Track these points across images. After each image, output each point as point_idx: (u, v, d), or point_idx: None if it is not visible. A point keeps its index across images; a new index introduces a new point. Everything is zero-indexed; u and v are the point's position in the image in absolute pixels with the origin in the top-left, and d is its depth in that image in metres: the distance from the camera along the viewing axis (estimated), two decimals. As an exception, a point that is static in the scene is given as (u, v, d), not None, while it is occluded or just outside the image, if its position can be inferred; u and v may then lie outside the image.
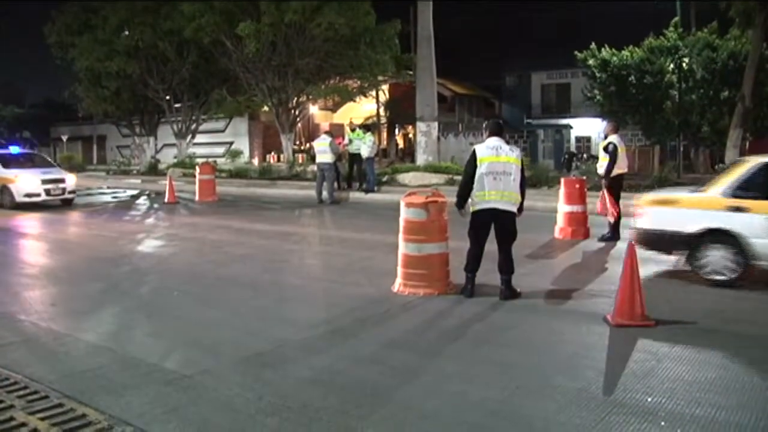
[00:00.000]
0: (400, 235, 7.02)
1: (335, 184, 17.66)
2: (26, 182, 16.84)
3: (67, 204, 17.49)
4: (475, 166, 6.62)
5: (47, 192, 16.98)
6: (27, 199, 16.65)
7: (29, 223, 14.14)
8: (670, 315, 5.93)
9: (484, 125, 7.17)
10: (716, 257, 7.02)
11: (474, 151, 6.73)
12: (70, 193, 17.60)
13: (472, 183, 6.64)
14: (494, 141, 6.75)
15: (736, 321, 5.83)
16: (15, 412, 4.01)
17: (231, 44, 25.11)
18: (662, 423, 3.76)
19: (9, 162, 17.68)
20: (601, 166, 10.26)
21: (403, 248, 6.99)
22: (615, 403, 4.05)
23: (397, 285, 7.04)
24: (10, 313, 6.44)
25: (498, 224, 6.71)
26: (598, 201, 10.20)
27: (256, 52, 23.88)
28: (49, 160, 21.17)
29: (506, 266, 6.73)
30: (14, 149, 19.96)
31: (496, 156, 6.60)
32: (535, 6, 44.88)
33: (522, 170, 6.72)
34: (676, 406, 3.98)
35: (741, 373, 4.55)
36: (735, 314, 6.03)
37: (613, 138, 10.13)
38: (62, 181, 17.53)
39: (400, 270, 7.06)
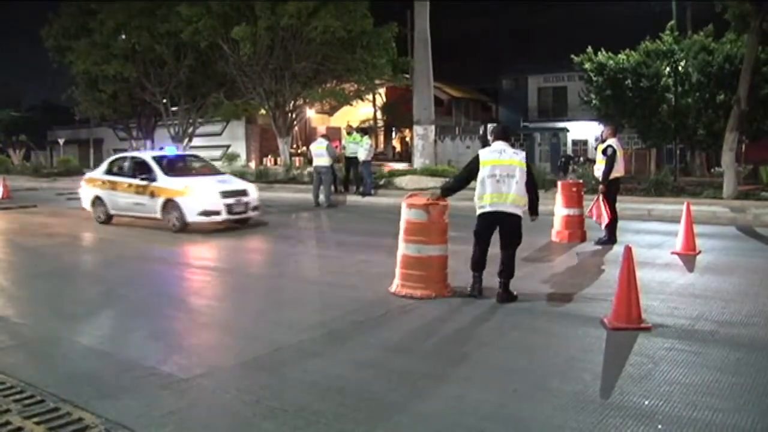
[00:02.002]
0: (401, 236, 7.01)
1: (332, 188, 17.66)
2: (202, 195, 12.30)
3: (242, 224, 13.07)
4: (475, 168, 6.70)
5: (229, 209, 12.38)
6: (202, 219, 12.22)
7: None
8: (666, 318, 5.95)
9: (489, 130, 7.28)
10: None
11: (478, 155, 6.80)
12: (253, 209, 13.08)
13: (464, 183, 6.86)
14: (499, 144, 6.79)
15: (732, 324, 5.83)
16: (11, 416, 3.99)
17: (228, 48, 25.11)
18: (659, 426, 3.76)
19: (169, 168, 13.28)
20: (599, 169, 10.27)
21: (402, 249, 6.99)
22: (612, 406, 4.05)
23: (395, 286, 7.05)
24: (6, 316, 6.43)
25: (504, 228, 6.75)
26: (592, 206, 10.17)
27: (252, 55, 23.89)
28: (213, 164, 16.47)
29: (507, 270, 6.74)
30: (170, 150, 15.58)
31: (499, 159, 6.65)
32: (532, 10, 44.97)
33: (529, 172, 6.73)
34: (673, 409, 3.98)
35: (738, 375, 4.55)
36: (731, 317, 6.04)
37: (612, 141, 10.15)
38: (245, 193, 12.94)
39: (398, 270, 7.06)
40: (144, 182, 12.83)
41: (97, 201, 14.01)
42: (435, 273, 6.90)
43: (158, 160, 13.42)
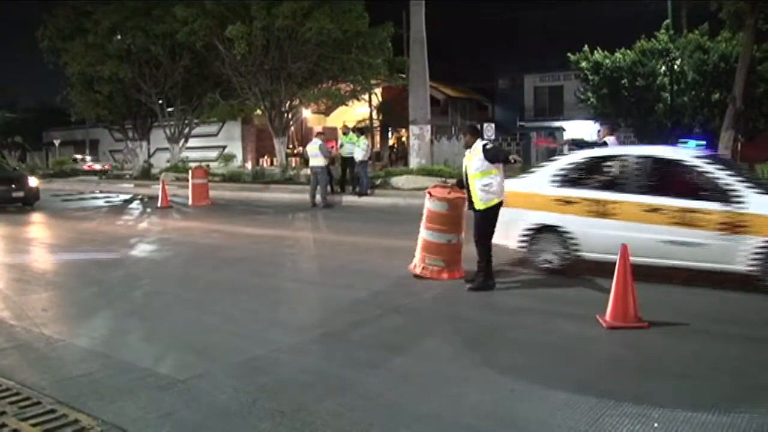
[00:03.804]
0: (423, 223, 7.65)
1: (328, 188, 17.65)
2: None
3: None
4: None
5: None
6: None
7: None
8: (663, 317, 5.95)
9: (465, 128, 7.73)
10: None
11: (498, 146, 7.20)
12: None
13: None
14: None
15: (728, 322, 5.85)
16: (7, 418, 3.98)
17: (223, 48, 25.08)
18: (655, 425, 3.77)
19: (745, 179, 7.22)
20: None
21: (424, 235, 7.62)
22: (608, 405, 4.05)
23: (415, 266, 7.72)
24: (1, 318, 6.41)
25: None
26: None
27: (247, 55, 23.89)
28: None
29: None
30: (694, 145, 8.47)
31: None
32: (528, 9, 45.01)
33: None
34: (669, 408, 3.98)
35: (734, 373, 4.57)
36: (726, 315, 6.06)
37: (609, 139, 10.19)
38: None
39: (419, 253, 7.68)
40: (705, 205, 7.04)
41: (549, 234, 8.01)
42: (451, 257, 7.59)
43: (721, 165, 7.47)
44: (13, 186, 17.96)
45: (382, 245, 10.49)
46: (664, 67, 24.75)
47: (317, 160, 16.74)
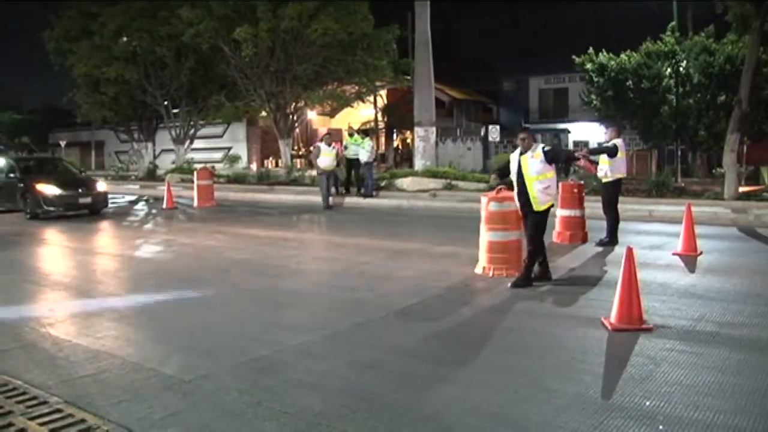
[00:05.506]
0: (483, 226, 7.93)
1: (333, 189, 17.65)
2: None
3: None
4: None
5: None
6: None
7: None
8: (668, 319, 5.95)
9: (524, 132, 7.82)
10: None
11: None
12: None
13: None
14: None
15: (733, 325, 5.83)
16: (14, 417, 4.01)
17: (229, 50, 25.15)
18: (660, 427, 3.76)
19: None
20: (601, 170, 10.26)
21: (487, 236, 7.90)
22: (613, 407, 4.05)
23: (481, 268, 7.99)
24: (8, 318, 6.44)
25: None
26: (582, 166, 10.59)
27: (253, 56, 23.95)
28: None
29: None
30: None
31: None
32: (533, 11, 44.99)
33: None
34: (674, 410, 3.98)
35: (739, 377, 4.55)
36: (732, 318, 6.04)
37: (617, 141, 10.17)
38: None
39: (484, 255, 7.96)
40: None
41: None
42: (514, 255, 7.86)
43: None
44: (80, 191, 15.96)
45: (387, 247, 10.50)
46: (669, 70, 24.73)
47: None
